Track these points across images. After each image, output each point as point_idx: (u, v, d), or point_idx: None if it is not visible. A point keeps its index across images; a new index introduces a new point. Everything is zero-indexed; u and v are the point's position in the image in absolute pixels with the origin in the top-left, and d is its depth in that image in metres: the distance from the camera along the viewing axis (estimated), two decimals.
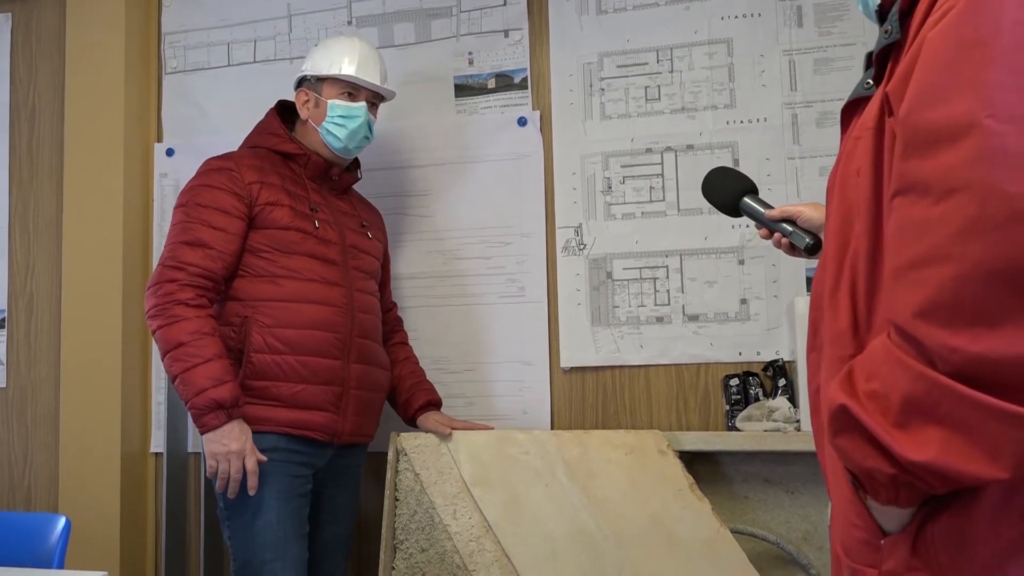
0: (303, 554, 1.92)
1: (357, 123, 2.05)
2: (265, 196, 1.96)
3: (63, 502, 2.46)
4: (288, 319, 1.92)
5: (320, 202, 2.05)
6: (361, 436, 2.07)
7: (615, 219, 2.30)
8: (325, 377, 1.94)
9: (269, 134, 2.08)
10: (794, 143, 2.21)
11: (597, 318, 2.29)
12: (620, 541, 2.01)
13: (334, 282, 1.99)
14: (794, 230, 1.28)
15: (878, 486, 0.77)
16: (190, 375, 1.80)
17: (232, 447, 1.81)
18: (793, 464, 2.10)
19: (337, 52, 2.07)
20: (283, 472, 1.90)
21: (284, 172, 2.03)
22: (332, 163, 2.08)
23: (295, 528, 1.91)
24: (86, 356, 2.49)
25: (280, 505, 1.89)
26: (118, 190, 2.53)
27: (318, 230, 2.00)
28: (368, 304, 2.07)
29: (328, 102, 2.04)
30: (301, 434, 1.92)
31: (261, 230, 1.96)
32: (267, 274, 1.94)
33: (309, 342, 1.93)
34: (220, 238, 1.90)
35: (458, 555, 2.08)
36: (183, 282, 1.86)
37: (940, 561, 0.77)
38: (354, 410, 2.00)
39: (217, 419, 1.81)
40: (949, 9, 0.77)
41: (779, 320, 2.18)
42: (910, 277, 0.74)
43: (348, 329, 1.99)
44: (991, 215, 0.70)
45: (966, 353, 0.70)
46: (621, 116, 2.32)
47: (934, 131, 0.74)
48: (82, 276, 2.53)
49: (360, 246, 2.10)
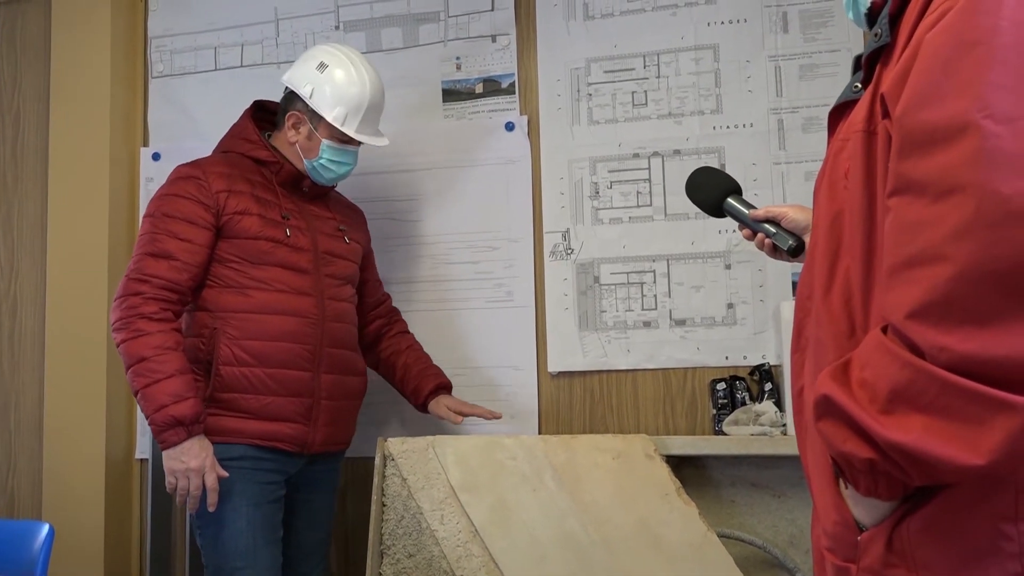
0: (275, 560, 1.91)
1: (347, 168, 2.07)
2: (233, 205, 1.93)
3: (47, 509, 2.44)
4: (256, 331, 1.91)
5: (292, 208, 2.03)
6: (334, 445, 2.06)
7: (602, 224, 2.31)
8: (294, 389, 1.93)
9: (242, 139, 2.06)
10: (780, 148, 2.22)
11: (585, 323, 2.30)
12: (608, 545, 2.01)
13: (304, 292, 1.97)
14: (777, 231, 1.28)
15: (857, 473, 0.78)
16: (151, 391, 1.79)
17: (191, 464, 1.80)
18: (780, 468, 2.11)
19: (341, 97, 1.99)
20: (253, 480, 1.90)
21: (255, 178, 2.00)
22: (305, 175, 2.05)
23: (266, 534, 1.90)
24: (71, 361, 2.48)
25: (250, 512, 1.89)
26: (103, 194, 2.51)
27: (289, 238, 1.98)
28: (341, 312, 2.05)
29: (322, 141, 2.01)
30: (270, 445, 1.92)
31: (230, 240, 1.94)
32: (236, 285, 1.93)
33: (277, 354, 1.92)
34: (186, 249, 1.89)
35: (445, 560, 2.07)
36: (147, 295, 1.84)
37: (916, 558, 0.78)
38: (325, 420, 1.99)
39: (176, 436, 1.79)
40: (947, 10, 0.78)
41: (766, 324, 2.19)
42: (904, 276, 0.75)
43: (318, 340, 1.97)
44: (986, 216, 0.70)
45: (955, 352, 0.71)
46: (608, 121, 2.32)
47: (931, 131, 0.75)
48: (67, 280, 2.51)
49: (335, 251, 2.07)
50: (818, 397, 0.80)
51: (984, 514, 0.76)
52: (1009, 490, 0.75)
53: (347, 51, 2.06)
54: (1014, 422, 0.69)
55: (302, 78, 2.02)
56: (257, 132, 2.06)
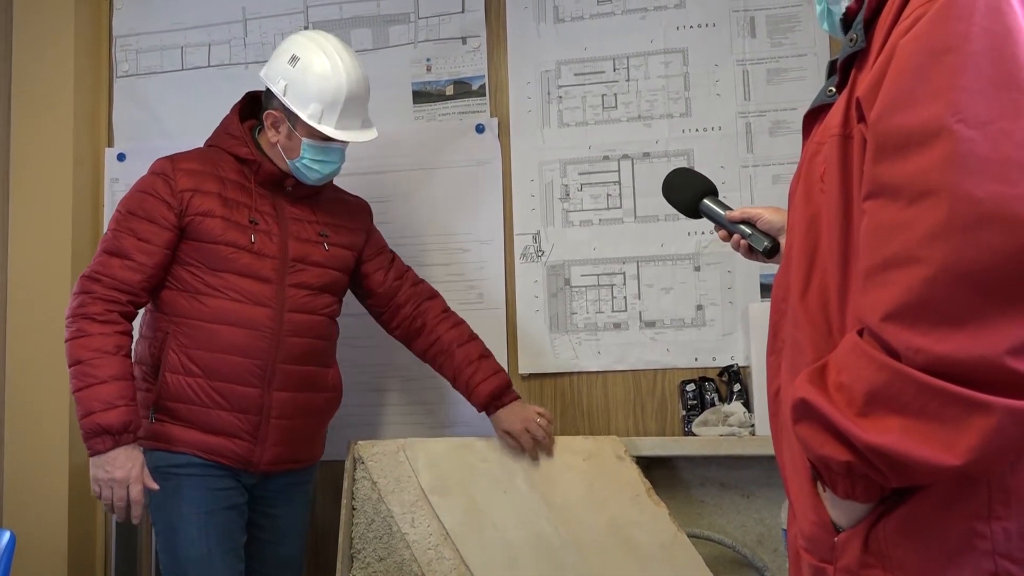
0: (231, 568, 1.86)
1: (333, 167, 1.95)
2: (196, 205, 1.86)
3: (8, 516, 2.39)
4: (204, 341, 1.84)
5: (268, 211, 1.93)
6: (291, 464, 1.98)
7: (573, 226, 2.32)
8: (240, 405, 1.86)
9: (226, 134, 1.98)
10: (748, 151, 2.24)
11: (555, 325, 2.30)
12: (579, 547, 2.02)
13: (262, 303, 1.88)
14: (753, 232, 1.29)
15: (835, 476, 0.79)
16: (83, 395, 1.75)
17: (116, 475, 1.75)
18: (748, 468, 2.13)
19: (315, 92, 1.86)
20: (202, 486, 1.85)
21: (230, 177, 1.92)
22: (287, 175, 1.95)
23: (221, 543, 1.85)
24: (32, 364, 2.43)
25: (200, 520, 1.84)
26: (67, 195, 2.47)
27: (254, 244, 1.88)
28: (303, 326, 1.93)
29: (303, 141, 1.90)
30: (212, 459, 1.87)
31: (191, 242, 1.87)
32: (191, 289, 1.87)
33: (223, 367, 1.84)
34: (143, 250, 1.83)
35: (416, 564, 2.06)
36: (97, 295, 1.81)
37: (892, 557, 0.79)
38: (275, 440, 1.90)
39: (103, 444, 1.75)
40: (920, 16, 0.79)
41: (734, 326, 2.22)
42: (880, 279, 0.76)
43: (271, 355, 1.88)
44: (959, 218, 0.72)
45: (930, 353, 0.72)
46: (579, 124, 2.33)
47: (905, 135, 0.76)
48: (29, 282, 2.46)
49: (308, 259, 1.95)
50: (795, 401, 0.81)
51: (958, 513, 0.77)
52: (982, 489, 0.77)
53: (322, 40, 1.92)
54: (989, 422, 0.70)
55: (276, 73, 1.91)
56: (241, 127, 1.97)
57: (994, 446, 0.71)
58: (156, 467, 1.85)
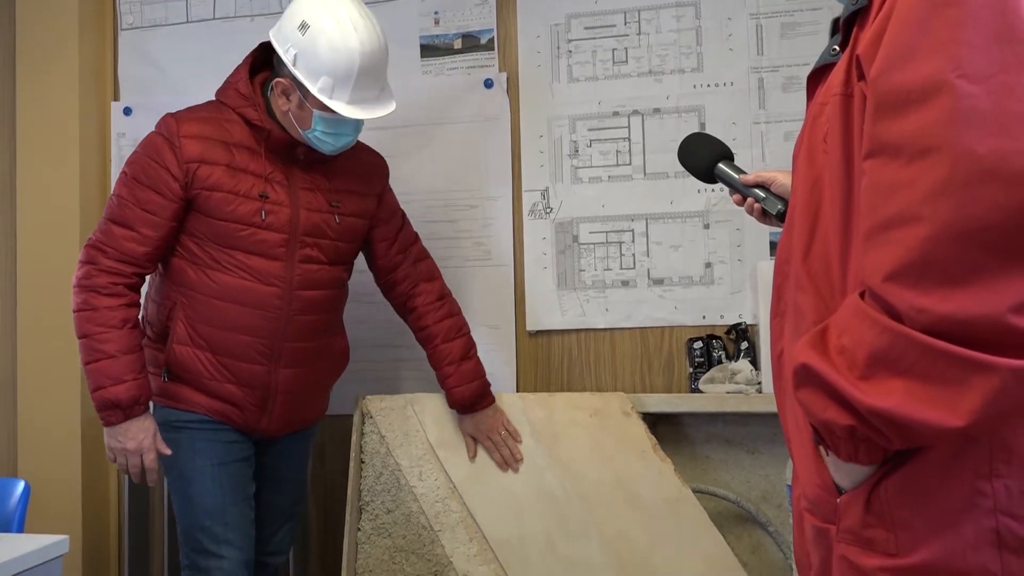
0: (245, 516, 1.90)
1: (347, 139, 1.85)
2: (203, 178, 1.79)
3: (22, 467, 2.43)
4: (211, 317, 1.83)
5: (278, 179, 1.85)
6: (299, 426, 2.01)
7: (582, 183, 2.30)
8: (247, 381, 1.87)
9: (234, 91, 1.86)
10: (760, 108, 2.21)
11: (563, 282, 2.30)
12: (584, 501, 2.04)
13: (271, 281, 1.84)
14: (767, 196, 1.29)
15: (837, 440, 0.79)
16: (92, 369, 1.78)
17: (128, 446, 1.79)
18: (754, 425, 2.15)
19: (326, 64, 1.73)
20: (216, 439, 1.88)
21: (240, 142, 1.83)
22: (299, 142, 1.85)
23: (235, 492, 1.89)
24: (43, 320, 2.45)
25: (215, 471, 1.87)
26: (74, 150, 2.46)
27: (264, 220, 1.82)
28: (312, 303, 1.89)
29: (314, 112, 1.79)
30: (221, 420, 1.89)
31: (198, 215, 1.82)
32: (200, 262, 1.84)
33: (230, 345, 1.84)
34: (148, 222, 1.79)
35: (424, 516, 2.10)
36: (102, 266, 1.80)
37: (894, 517, 0.79)
38: (282, 413, 1.92)
39: (115, 416, 1.78)
40: None
41: (743, 284, 2.21)
42: (881, 239, 0.75)
43: (279, 334, 1.86)
44: (961, 175, 0.71)
45: (933, 313, 0.72)
46: (588, 79, 2.30)
47: (905, 92, 0.75)
48: (38, 238, 2.47)
49: (319, 231, 1.88)
50: (797, 366, 0.80)
51: (960, 473, 0.77)
52: (984, 448, 0.77)
53: (334, 4, 1.76)
54: (993, 383, 0.70)
55: (285, 39, 1.78)
56: (250, 86, 1.85)
57: (997, 407, 0.71)
58: (169, 420, 1.89)
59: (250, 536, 1.90)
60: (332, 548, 2.37)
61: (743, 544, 2.14)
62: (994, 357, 0.70)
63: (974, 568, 0.76)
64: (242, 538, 1.88)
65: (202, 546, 1.86)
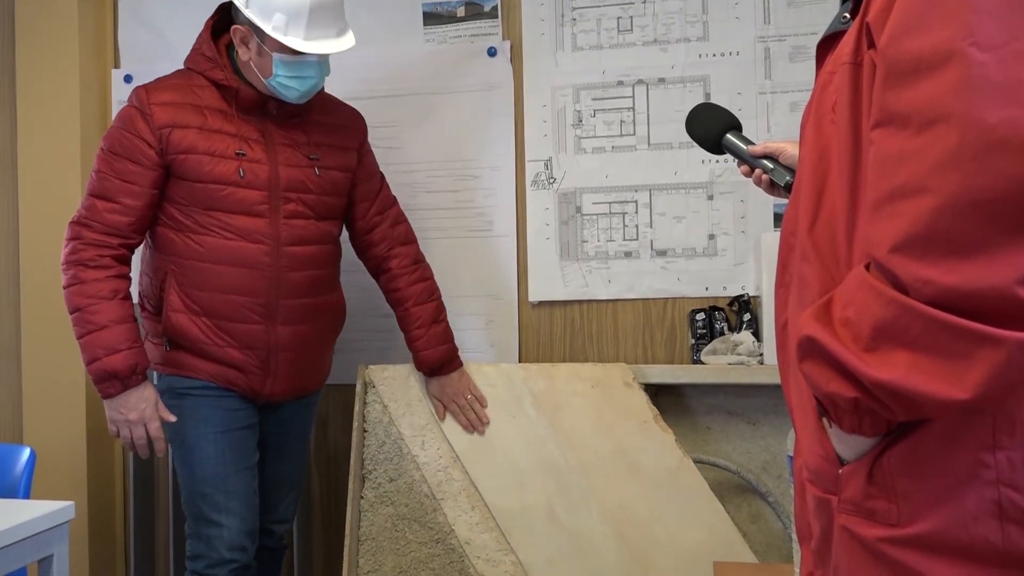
0: (247, 485, 1.90)
1: (311, 83, 1.83)
2: (177, 143, 1.80)
3: (28, 433, 2.44)
4: (203, 281, 1.83)
5: (253, 137, 1.85)
6: (302, 391, 2.01)
7: (585, 153, 2.29)
8: (246, 342, 1.87)
9: (201, 56, 1.86)
10: (766, 78, 2.19)
11: (566, 252, 2.30)
12: (585, 471, 2.06)
13: (257, 239, 1.84)
14: (775, 167, 1.28)
15: (841, 412, 0.79)
16: (86, 342, 1.78)
17: (130, 416, 1.80)
18: (755, 396, 2.15)
19: (279, 0, 1.74)
20: (218, 407, 1.89)
21: (210, 104, 1.84)
22: (269, 97, 1.85)
23: (236, 460, 1.89)
24: (46, 286, 2.44)
25: (217, 439, 1.88)
26: (74, 118, 2.45)
27: (243, 179, 1.82)
28: (302, 259, 1.89)
29: (273, 57, 1.78)
30: (226, 386, 1.89)
31: (177, 180, 1.82)
32: (185, 228, 1.84)
33: (225, 307, 1.84)
34: (129, 192, 1.80)
35: (426, 484, 2.11)
36: (87, 240, 1.80)
37: (897, 489, 0.80)
38: (285, 373, 1.92)
39: (113, 388, 1.78)
40: None
41: (746, 256, 2.20)
42: (887, 210, 0.74)
43: (272, 292, 1.86)
44: (970, 145, 0.70)
45: (938, 285, 0.71)
46: (592, 47, 2.28)
47: (915, 60, 0.74)
48: (39, 204, 2.47)
49: (300, 186, 1.89)
50: (801, 338, 0.80)
51: (963, 444, 0.77)
52: (988, 420, 0.77)
53: None
54: (998, 356, 0.70)
55: None
56: (214, 47, 1.86)
57: (1002, 379, 0.71)
58: (173, 388, 1.89)
59: (253, 505, 1.91)
60: (335, 516, 2.39)
61: (743, 514, 2.16)
62: (1000, 330, 0.70)
63: (975, 538, 0.76)
64: (244, 507, 1.88)
65: (203, 514, 1.87)
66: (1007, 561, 0.76)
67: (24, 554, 1.55)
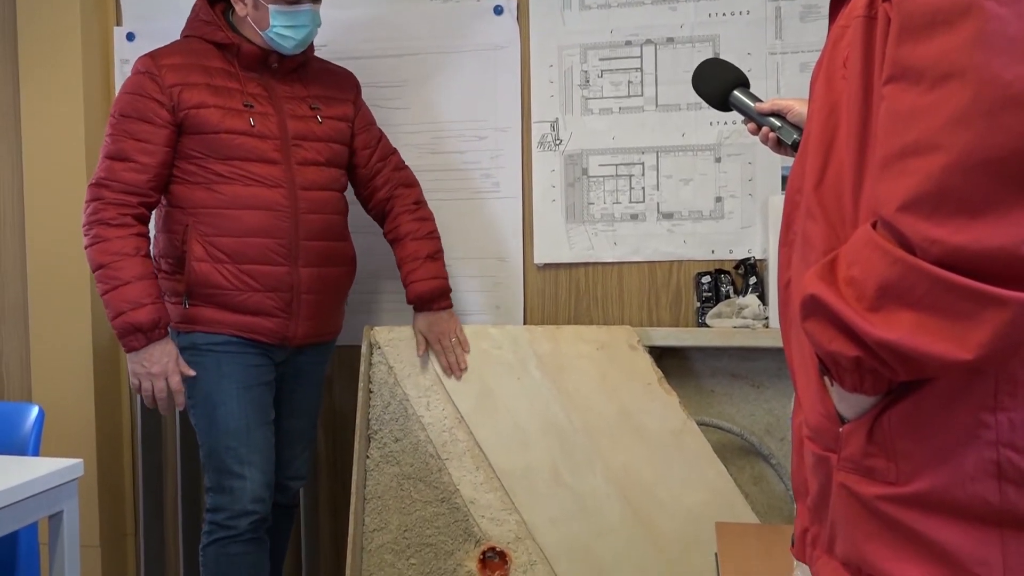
0: (267, 439, 1.96)
1: (305, 32, 1.93)
2: (188, 99, 1.88)
3: (36, 392, 2.47)
4: (226, 227, 1.89)
5: (258, 92, 1.95)
6: (319, 337, 2.06)
7: (592, 114, 2.27)
8: (271, 284, 1.92)
9: (201, 21, 1.96)
10: (776, 38, 2.16)
11: (572, 215, 2.29)
12: (590, 433, 2.07)
13: (275, 183, 1.92)
14: (782, 125, 1.26)
15: (843, 370, 0.79)
16: (110, 297, 1.83)
17: (153, 370, 1.85)
18: (760, 360, 2.15)
19: None
20: (241, 363, 1.93)
21: (215, 65, 1.93)
22: (270, 51, 1.95)
23: (258, 415, 1.94)
24: (52, 246, 2.46)
25: (240, 394, 1.92)
26: (77, 77, 2.44)
27: (254, 128, 1.91)
28: (317, 202, 1.97)
29: (269, 8, 1.89)
30: (251, 337, 1.93)
31: (191, 135, 1.89)
32: (203, 180, 1.90)
33: (249, 250, 1.90)
34: (144, 150, 1.86)
35: (431, 445, 2.13)
36: (107, 200, 1.85)
37: (896, 448, 0.80)
38: (307, 314, 1.98)
39: (137, 341, 1.83)
40: None
41: (753, 219, 2.19)
42: (897, 168, 0.73)
43: (292, 233, 1.93)
44: (984, 102, 0.68)
45: (946, 244, 0.70)
46: (601, 6, 2.25)
47: (931, 13, 0.72)
48: (44, 165, 2.46)
49: (308, 134, 1.98)
50: (804, 297, 0.79)
51: (964, 404, 0.77)
52: (990, 380, 0.76)
53: None
54: (1003, 316, 0.69)
55: None
56: (211, 11, 1.95)
57: (1007, 340, 0.70)
58: (195, 344, 1.93)
59: (271, 459, 1.97)
60: (342, 475, 2.42)
61: (745, 476, 2.17)
62: (1007, 291, 0.69)
63: (973, 498, 0.76)
64: (264, 460, 1.94)
65: (227, 467, 1.91)
66: (1004, 520, 0.76)
67: (34, 510, 1.57)
